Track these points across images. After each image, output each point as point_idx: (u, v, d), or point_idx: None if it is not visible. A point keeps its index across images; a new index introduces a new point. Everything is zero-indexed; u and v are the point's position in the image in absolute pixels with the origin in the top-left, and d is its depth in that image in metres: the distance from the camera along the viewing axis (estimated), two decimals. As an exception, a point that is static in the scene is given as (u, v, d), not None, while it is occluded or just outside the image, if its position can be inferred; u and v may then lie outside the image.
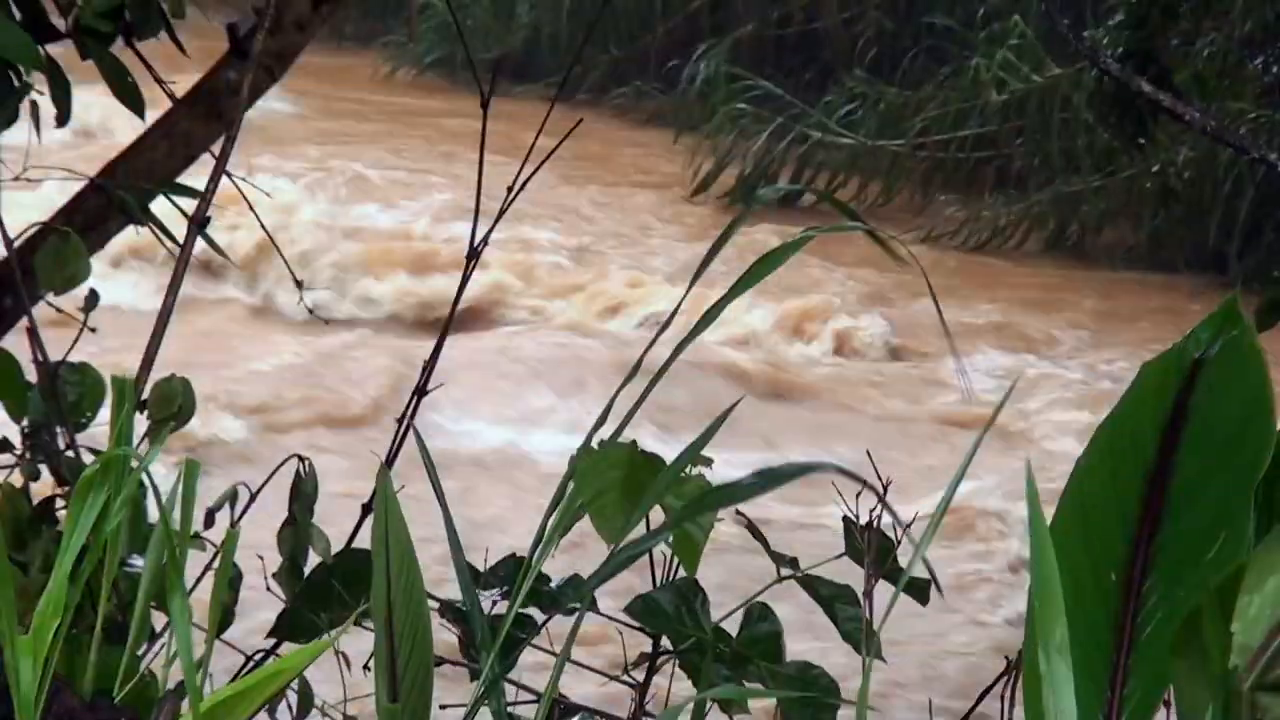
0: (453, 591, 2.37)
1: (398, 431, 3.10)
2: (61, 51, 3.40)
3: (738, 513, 2.42)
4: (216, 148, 3.51)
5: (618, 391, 2.10)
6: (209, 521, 2.77)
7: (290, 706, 2.72)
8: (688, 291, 2.03)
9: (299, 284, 5.63)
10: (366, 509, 3.00)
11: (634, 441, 2.35)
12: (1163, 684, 1.87)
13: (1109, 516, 1.86)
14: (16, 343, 3.22)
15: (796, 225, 2.13)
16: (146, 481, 2.05)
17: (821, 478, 2.03)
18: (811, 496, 7.89)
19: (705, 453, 2.27)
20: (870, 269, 14.39)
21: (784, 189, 16.64)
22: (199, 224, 3.41)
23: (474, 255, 3.31)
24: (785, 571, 2.66)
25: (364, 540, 2.77)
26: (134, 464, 2.03)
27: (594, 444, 2.35)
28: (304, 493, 2.94)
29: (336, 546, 2.89)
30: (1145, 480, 1.86)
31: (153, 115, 3.60)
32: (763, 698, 2.52)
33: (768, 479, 2.09)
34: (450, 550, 2.21)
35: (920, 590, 2.65)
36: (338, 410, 11.47)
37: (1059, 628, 1.67)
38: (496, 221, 3.21)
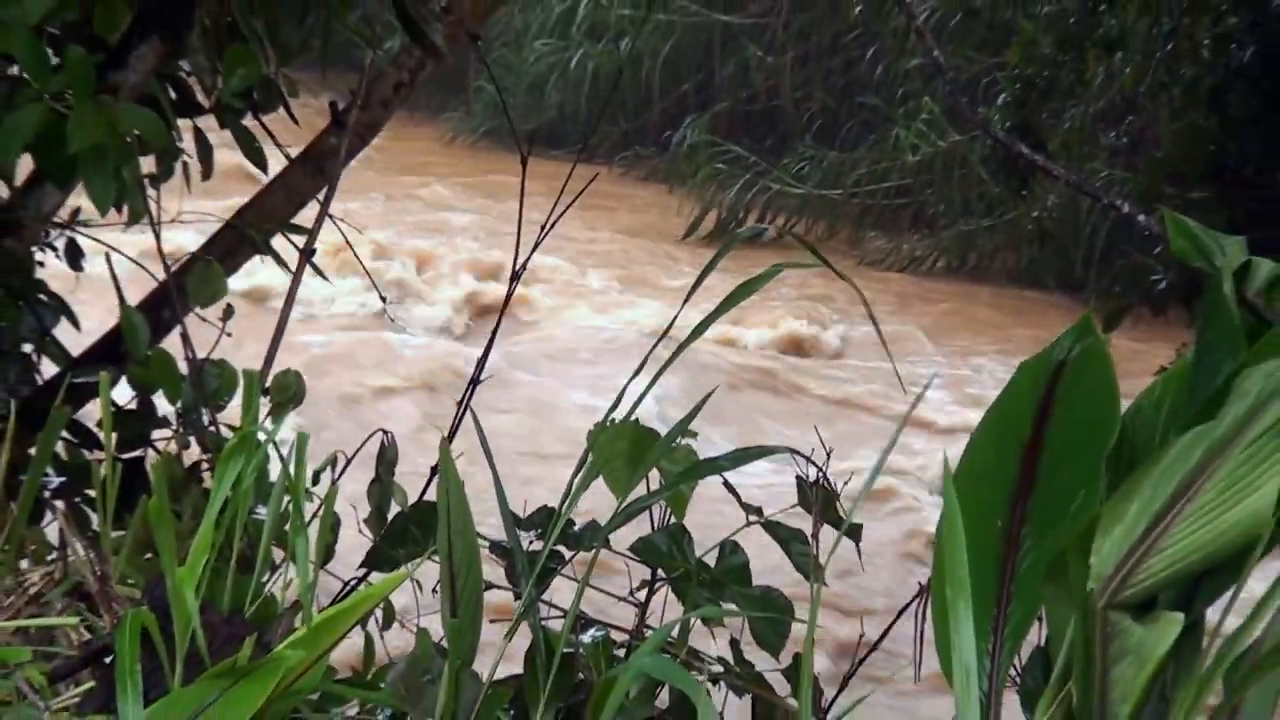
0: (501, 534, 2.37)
1: (458, 412, 3.10)
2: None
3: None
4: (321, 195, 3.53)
5: (628, 383, 2.10)
6: (315, 480, 2.77)
7: (377, 620, 2.73)
8: (682, 307, 2.03)
9: (384, 299, 5.64)
10: (434, 471, 3.00)
11: (637, 419, 2.35)
12: (1036, 605, 1.87)
13: (995, 479, 1.87)
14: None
15: (765, 255, 2.13)
16: (270, 451, 2.06)
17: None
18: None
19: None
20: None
21: (756, 229, 16.64)
22: (307, 254, 3.42)
23: (515, 277, 3.32)
24: (753, 518, 2.66)
25: (432, 494, 2.78)
26: (261, 438, 2.04)
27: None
28: (387, 458, 2.94)
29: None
30: (1022, 452, 1.86)
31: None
32: (735, 617, 2.51)
33: (741, 455, 2.10)
34: (497, 501, 2.22)
35: (854, 531, 2.65)
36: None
37: (960, 563, 1.67)
38: (533, 251, 3.22)
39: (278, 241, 3.56)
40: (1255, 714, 1.85)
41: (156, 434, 3.14)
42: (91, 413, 3.16)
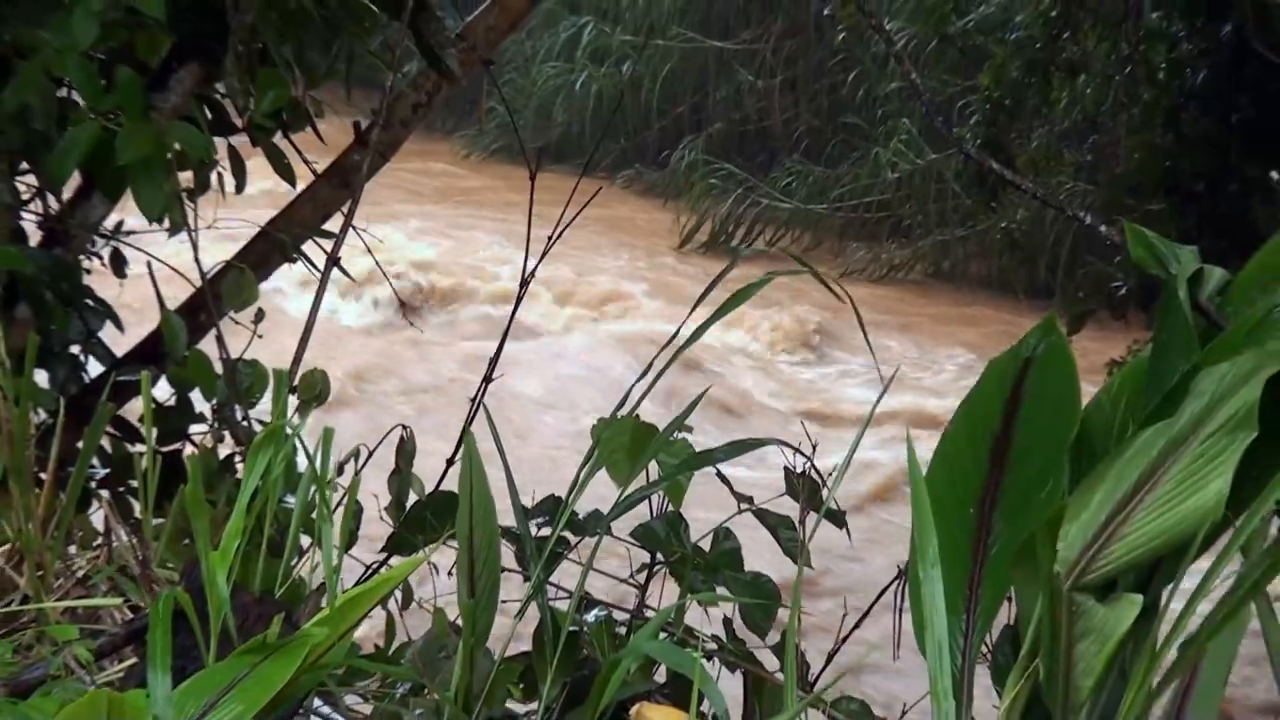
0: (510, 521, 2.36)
1: (472, 406, 3.09)
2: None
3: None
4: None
5: (634, 384, 2.10)
6: (339, 471, 2.76)
7: (397, 600, 2.72)
8: (687, 318, 2.03)
9: (402, 304, 5.62)
10: (450, 462, 2.99)
11: (638, 415, 2.34)
12: (1006, 587, 1.87)
13: (968, 468, 1.87)
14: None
15: (755, 266, 2.12)
16: (298, 444, 2.05)
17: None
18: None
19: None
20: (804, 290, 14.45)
21: (757, 249, 16.64)
22: (334, 260, 3.42)
23: (525, 283, 3.31)
24: (744, 506, 2.65)
25: (447, 484, 2.77)
26: (289, 431, 2.03)
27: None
28: (406, 451, 2.94)
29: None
30: (992, 443, 1.86)
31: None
32: (726, 601, 2.50)
33: (734, 448, 2.10)
34: (508, 491, 2.21)
35: (836, 518, 2.64)
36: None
37: (931, 548, 1.67)
38: (541, 258, 3.21)
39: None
40: (1208, 684, 1.85)
41: (193, 428, 3.14)
42: (134, 409, 3.16)
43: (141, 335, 3.41)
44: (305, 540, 2.28)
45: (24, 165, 3.12)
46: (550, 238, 3.21)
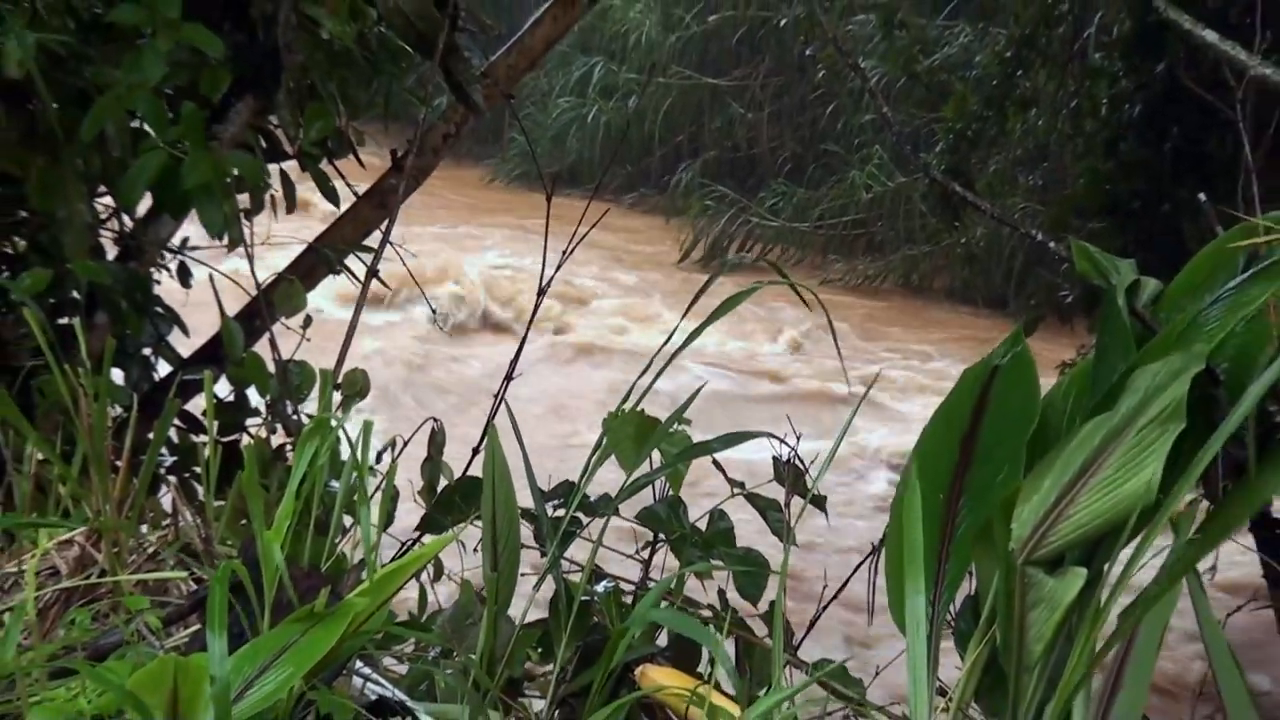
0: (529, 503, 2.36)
1: (494, 403, 3.09)
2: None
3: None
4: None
5: (634, 383, 2.10)
6: (378, 459, 2.76)
7: (429, 574, 2.72)
8: (680, 321, 2.02)
9: (434, 310, 5.62)
10: (475, 451, 2.99)
11: (642, 409, 2.34)
12: (968, 562, 1.87)
13: (940, 460, 1.87)
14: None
15: (745, 277, 2.10)
16: (341, 435, 2.05)
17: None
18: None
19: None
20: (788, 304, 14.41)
21: (738, 259, 16.63)
22: (373, 272, 3.42)
23: (542, 292, 3.32)
24: (736, 490, 2.65)
25: (472, 470, 2.77)
26: (333, 424, 2.03)
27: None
28: (437, 442, 2.94)
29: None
30: (962, 439, 1.86)
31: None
32: (720, 570, 2.50)
33: (728, 439, 2.09)
34: (527, 477, 2.21)
35: (819, 502, 2.64)
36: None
37: (915, 532, 1.67)
38: (556, 270, 3.21)
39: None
40: (1144, 646, 1.85)
41: (249, 421, 3.14)
42: (198, 404, 3.16)
43: (204, 339, 3.42)
44: (347, 520, 2.27)
45: (102, 188, 3.12)
46: (564, 253, 3.20)
